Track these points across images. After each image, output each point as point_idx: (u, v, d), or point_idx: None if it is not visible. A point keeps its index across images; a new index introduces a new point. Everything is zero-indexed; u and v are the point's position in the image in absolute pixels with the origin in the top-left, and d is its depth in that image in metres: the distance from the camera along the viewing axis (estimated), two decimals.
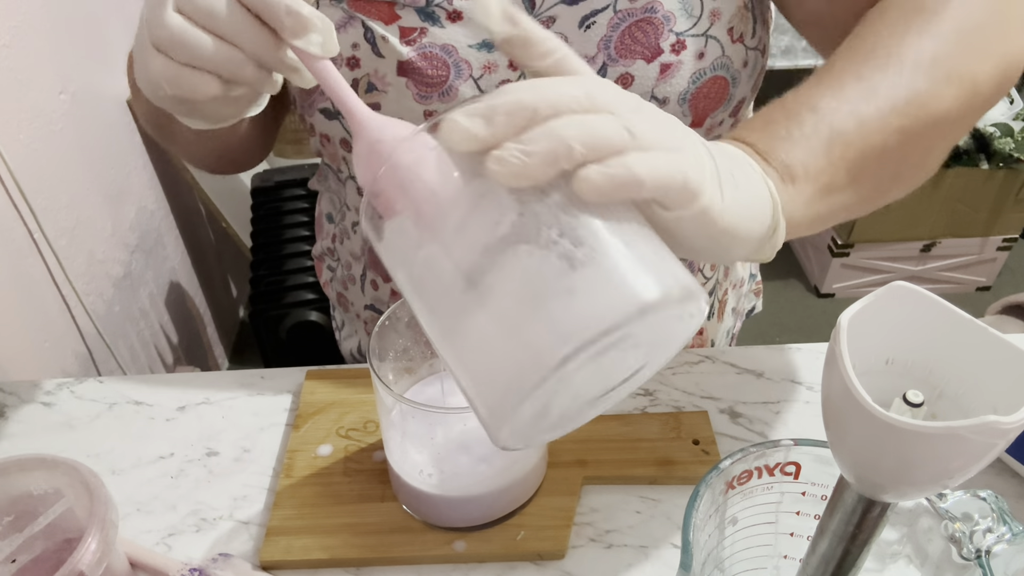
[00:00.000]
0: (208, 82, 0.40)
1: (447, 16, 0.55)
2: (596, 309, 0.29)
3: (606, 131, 0.31)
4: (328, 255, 0.79)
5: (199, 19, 0.39)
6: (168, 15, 0.39)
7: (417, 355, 0.55)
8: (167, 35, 0.39)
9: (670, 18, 0.54)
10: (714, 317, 0.75)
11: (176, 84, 0.40)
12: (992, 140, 1.82)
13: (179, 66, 0.39)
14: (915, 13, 0.46)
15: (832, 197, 0.43)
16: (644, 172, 0.30)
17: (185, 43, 0.39)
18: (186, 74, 0.40)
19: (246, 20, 0.39)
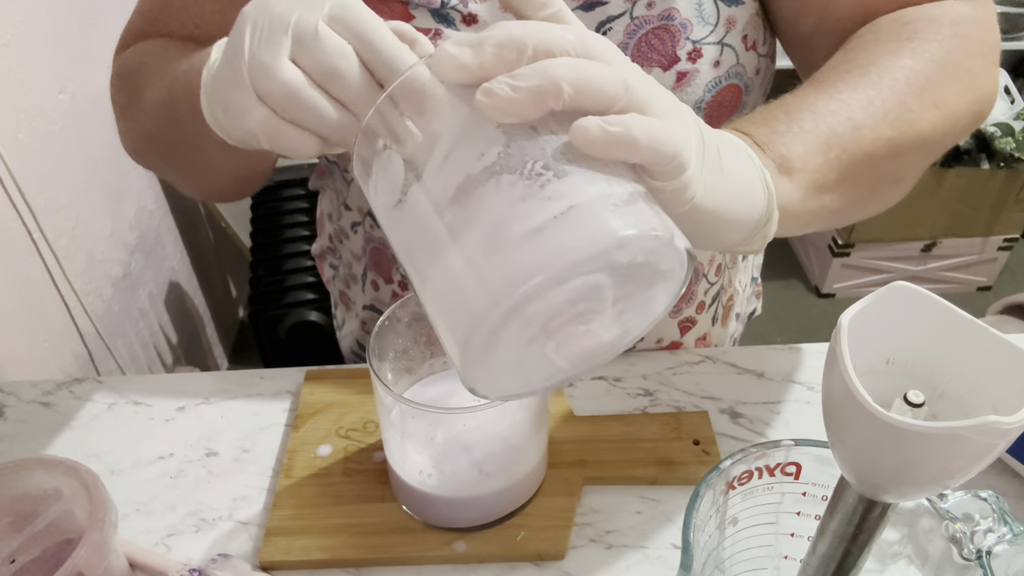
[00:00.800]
0: (311, 143, 0.37)
1: (462, 19, 0.54)
2: (568, 242, 0.28)
3: (600, 77, 0.30)
4: (330, 253, 0.79)
5: (319, 78, 0.35)
6: (284, 67, 0.34)
7: (417, 355, 0.54)
8: (280, 90, 0.35)
9: (687, 26, 0.54)
10: (718, 323, 0.75)
11: (276, 142, 0.36)
12: (993, 140, 1.82)
13: (285, 124, 0.36)
14: (907, 39, 0.48)
15: (823, 196, 0.43)
16: (641, 136, 0.30)
17: (301, 105, 0.35)
18: (290, 133, 0.36)
19: (369, 86, 0.35)
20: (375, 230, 0.67)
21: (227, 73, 0.36)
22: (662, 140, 0.31)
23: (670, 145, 0.31)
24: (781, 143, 0.41)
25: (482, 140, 0.31)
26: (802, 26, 0.56)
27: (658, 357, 0.66)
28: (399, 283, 0.68)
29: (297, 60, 0.35)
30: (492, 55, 0.30)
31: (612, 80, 0.31)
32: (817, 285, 2.14)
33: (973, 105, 0.50)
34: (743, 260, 0.77)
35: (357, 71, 0.35)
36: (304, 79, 0.35)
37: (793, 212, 0.41)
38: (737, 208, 0.36)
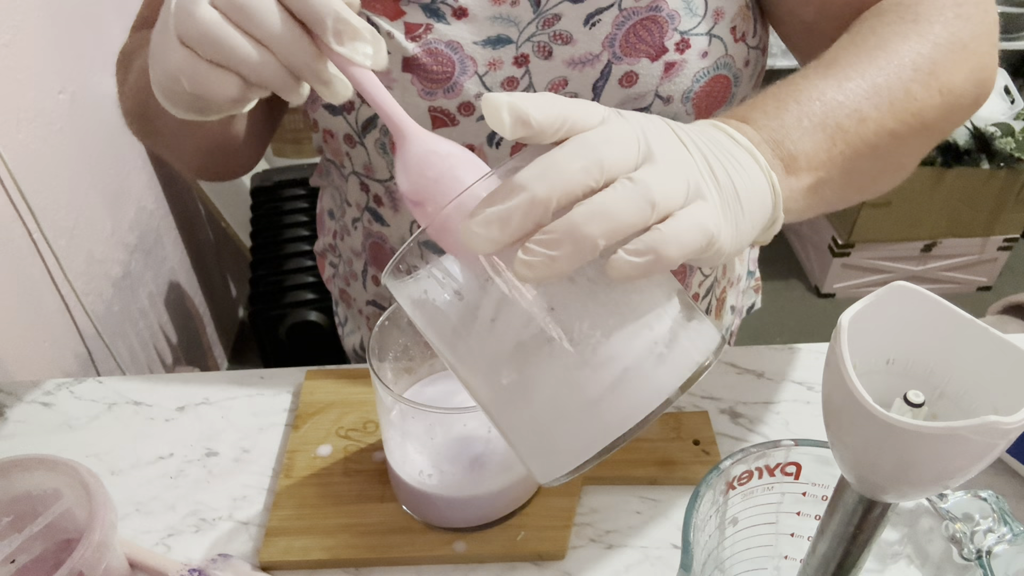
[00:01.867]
0: (231, 83, 0.38)
1: (452, 12, 0.54)
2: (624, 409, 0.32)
3: (627, 214, 0.31)
4: (330, 251, 0.79)
5: (235, 17, 0.36)
6: (202, 8, 0.36)
7: (417, 355, 0.54)
8: (198, 30, 0.36)
9: (675, 16, 0.54)
10: (712, 314, 0.75)
11: (197, 81, 0.38)
12: (993, 140, 1.82)
13: (204, 63, 0.37)
14: (912, 22, 0.48)
15: (824, 191, 0.43)
16: (674, 252, 0.31)
17: (217, 41, 0.36)
18: (210, 73, 0.37)
19: (287, 24, 0.36)
20: (373, 225, 0.67)
21: (157, 28, 0.39)
22: (694, 238, 0.32)
23: (702, 238, 0.32)
24: (790, 139, 0.41)
25: (525, 305, 0.32)
26: (804, 15, 0.56)
27: None
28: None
29: (217, 4, 0.36)
30: (520, 224, 0.31)
31: (637, 209, 0.31)
32: (817, 285, 2.14)
33: (976, 87, 0.50)
34: None
35: (273, 9, 0.36)
36: (220, 18, 0.36)
37: (792, 210, 0.42)
38: (753, 231, 0.37)
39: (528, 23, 0.55)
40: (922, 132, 0.47)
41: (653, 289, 0.33)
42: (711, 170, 0.35)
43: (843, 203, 0.47)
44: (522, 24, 0.55)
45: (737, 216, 0.35)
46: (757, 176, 0.38)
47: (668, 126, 0.35)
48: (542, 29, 0.55)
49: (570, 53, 0.55)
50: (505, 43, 0.55)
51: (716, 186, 0.35)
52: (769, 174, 0.39)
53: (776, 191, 0.39)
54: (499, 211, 0.31)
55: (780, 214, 0.39)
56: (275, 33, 0.36)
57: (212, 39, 0.36)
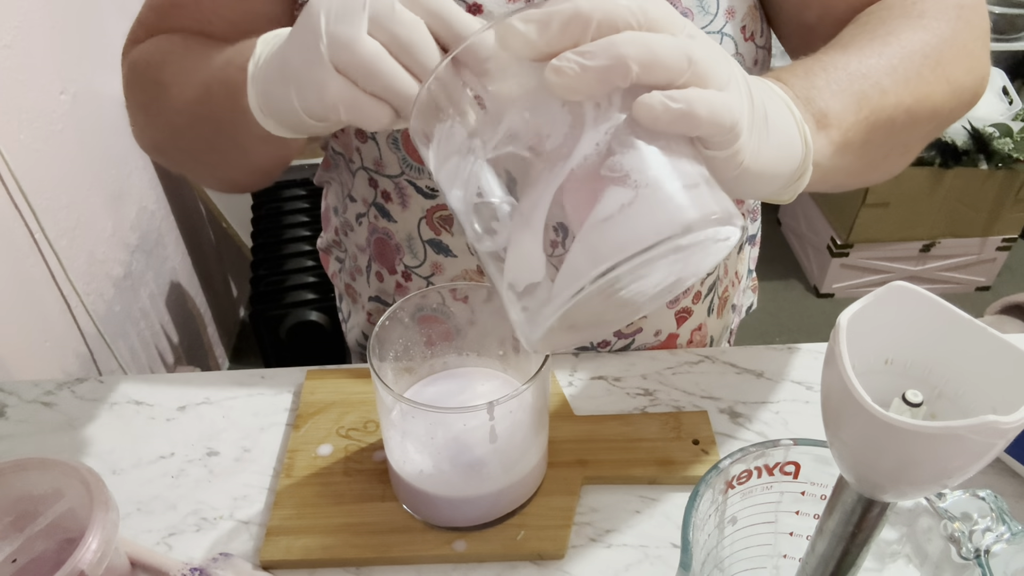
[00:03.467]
0: (386, 114, 0.38)
1: (467, 9, 0.54)
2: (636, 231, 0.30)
3: (665, 53, 0.31)
4: (335, 247, 0.80)
5: (397, 51, 0.36)
6: (364, 41, 0.36)
7: (417, 355, 0.55)
8: (361, 63, 0.36)
9: (687, 15, 0.55)
10: (714, 313, 0.75)
11: (355, 111, 0.37)
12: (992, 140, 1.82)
13: (363, 94, 0.37)
14: (918, 17, 0.50)
15: (844, 156, 0.44)
16: (703, 111, 0.31)
17: (380, 75, 0.36)
18: (368, 104, 0.37)
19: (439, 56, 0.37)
20: (379, 221, 0.67)
21: (300, 54, 0.38)
22: (722, 113, 0.32)
23: (728, 118, 0.32)
24: (821, 98, 0.42)
25: (548, 119, 0.31)
26: (807, 17, 0.57)
27: (657, 357, 0.66)
28: (402, 274, 0.68)
29: (374, 35, 0.36)
30: (559, 32, 0.31)
31: (676, 55, 0.31)
32: (816, 285, 2.14)
33: (973, 84, 0.51)
34: (739, 251, 0.77)
35: (432, 43, 0.37)
36: (383, 50, 0.36)
37: (824, 167, 0.42)
38: (779, 165, 0.37)
39: None
40: (931, 116, 0.48)
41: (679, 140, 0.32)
42: (749, 90, 0.35)
43: (856, 179, 0.48)
44: None
45: (761, 135, 0.35)
46: (787, 116, 0.39)
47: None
48: None
49: None
50: None
51: (750, 102, 0.35)
52: (802, 125, 0.39)
53: (808, 143, 0.39)
54: (541, 13, 0.31)
55: (808, 166, 0.40)
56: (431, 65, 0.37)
57: (375, 72, 0.36)
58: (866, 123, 0.44)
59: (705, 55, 0.32)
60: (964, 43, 0.50)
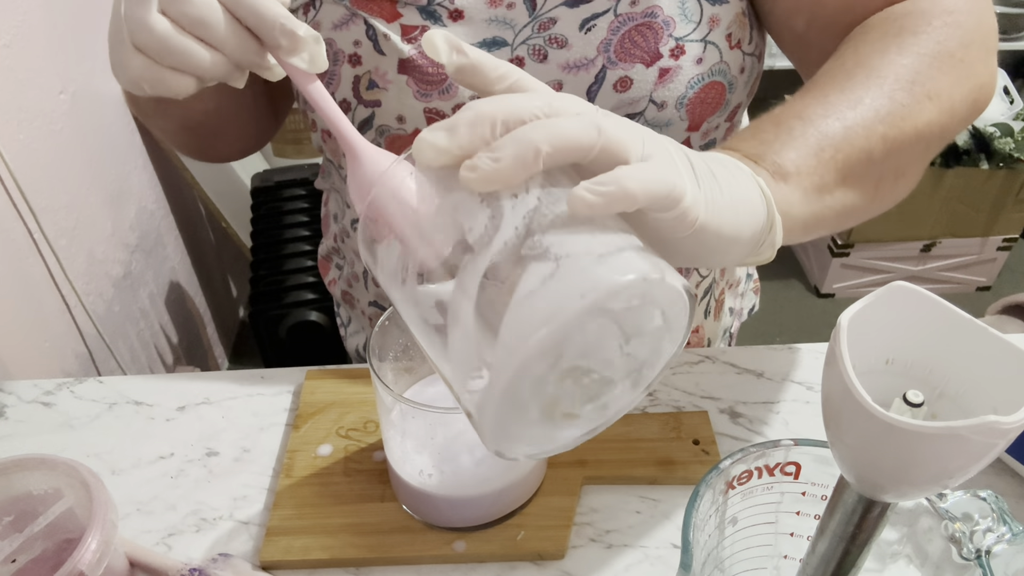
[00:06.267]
0: (188, 82, 0.40)
1: (448, 15, 0.55)
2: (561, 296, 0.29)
3: (572, 128, 0.31)
4: (335, 254, 0.80)
5: (187, 25, 0.39)
6: (153, 18, 0.38)
7: (417, 355, 0.55)
8: (152, 39, 0.38)
9: (670, 23, 0.55)
10: (711, 316, 0.75)
11: (157, 86, 0.40)
12: (992, 140, 1.82)
13: (161, 68, 0.40)
14: (895, 35, 0.49)
15: (824, 198, 0.44)
16: (635, 186, 0.31)
17: (172, 50, 0.39)
18: (168, 76, 0.40)
19: (235, 29, 0.39)
20: None
21: (112, 33, 0.41)
22: (654, 182, 0.31)
23: (663, 184, 0.32)
24: (772, 151, 0.42)
25: (470, 216, 0.32)
26: (795, 25, 0.56)
27: None
28: None
29: (166, 11, 0.38)
30: (467, 134, 0.31)
31: (584, 129, 0.31)
32: (817, 285, 2.14)
33: (970, 94, 0.50)
34: None
35: (221, 16, 0.39)
36: (173, 28, 0.38)
37: (797, 216, 0.42)
38: (740, 221, 0.37)
39: (524, 26, 0.55)
40: (917, 138, 0.47)
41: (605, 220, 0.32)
42: (685, 155, 0.35)
43: (853, 215, 0.47)
44: (518, 27, 0.55)
45: (712, 188, 0.35)
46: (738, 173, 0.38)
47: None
48: (538, 32, 0.55)
49: (565, 57, 0.55)
50: (500, 45, 0.55)
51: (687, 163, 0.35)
52: (755, 178, 0.39)
53: (766, 193, 0.39)
54: (447, 123, 0.32)
55: (776, 217, 0.39)
56: (225, 38, 0.39)
57: (167, 48, 0.39)
58: (833, 162, 0.43)
59: (614, 123, 0.32)
60: (950, 53, 0.48)
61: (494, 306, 0.31)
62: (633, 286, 0.30)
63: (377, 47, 0.55)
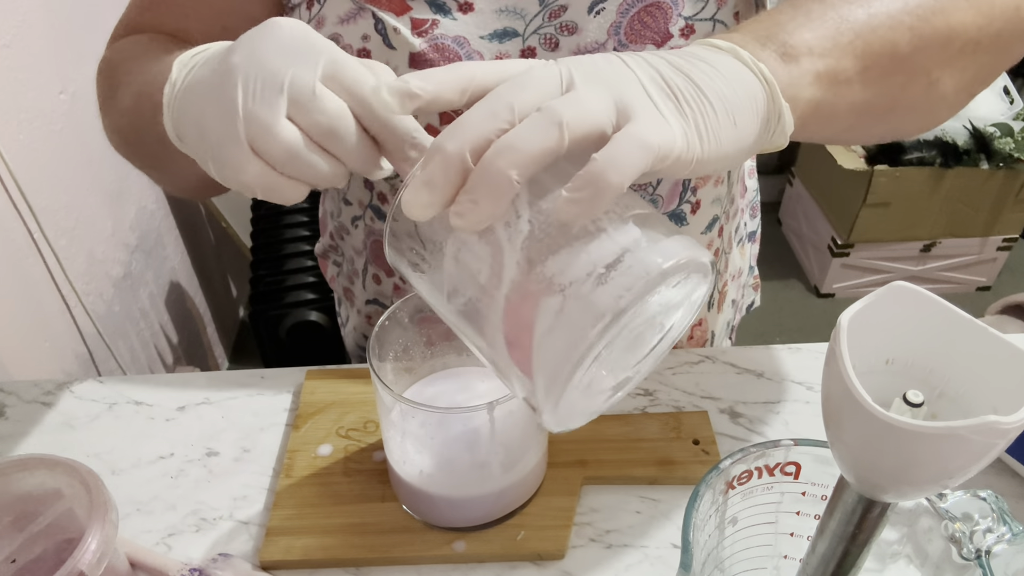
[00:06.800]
0: (304, 193, 0.38)
1: (458, 7, 0.54)
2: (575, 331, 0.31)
3: (531, 140, 0.31)
4: (332, 251, 0.80)
5: (316, 135, 0.36)
6: (283, 127, 0.35)
7: (417, 355, 0.55)
8: (282, 151, 0.36)
9: (678, 3, 0.54)
10: (714, 308, 0.75)
11: (269, 192, 0.37)
12: (992, 140, 1.82)
13: (279, 177, 0.37)
14: None
15: (840, 88, 0.41)
16: (615, 177, 0.30)
17: (299, 163, 0.36)
18: (285, 186, 0.37)
19: (363, 141, 0.37)
20: (375, 223, 0.67)
21: (217, 127, 0.37)
22: (635, 156, 0.31)
23: (646, 152, 0.31)
24: (784, 32, 0.39)
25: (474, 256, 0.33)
26: None
27: None
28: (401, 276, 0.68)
29: (294, 118, 0.36)
30: (443, 182, 0.31)
31: (547, 133, 0.31)
32: (817, 285, 2.14)
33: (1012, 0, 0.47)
34: (739, 245, 0.77)
35: (354, 130, 0.36)
36: (302, 138, 0.36)
37: (807, 100, 0.40)
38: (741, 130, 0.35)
39: (535, 15, 0.55)
40: (948, 36, 0.44)
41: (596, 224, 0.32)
42: (663, 81, 0.34)
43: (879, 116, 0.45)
44: (528, 16, 0.55)
45: (705, 117, 0.34)
46: (736, 72, 0.36)
47: (615, 55, 0.35)
48: (548, 21, 0.55)
49: (576, 43, 0.55)
50: (512, 36, 0.55)
51: (664, 93, 0.34)
52: (755, 65, 0.37)
53: (767, 79, 0.37)
54: (422, 176, 0.32)
55: (782, 103, 0.38)
56: (352, 150, 0.37)
57: (295, 161, 0.36)
58: (852, 47, 0.41)
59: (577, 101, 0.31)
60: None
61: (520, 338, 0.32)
62: (638, 301, 0.31)
63: (387, 41, 0.55)
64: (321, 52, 0.37)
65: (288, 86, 0.35)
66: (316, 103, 0.36)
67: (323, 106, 0.36)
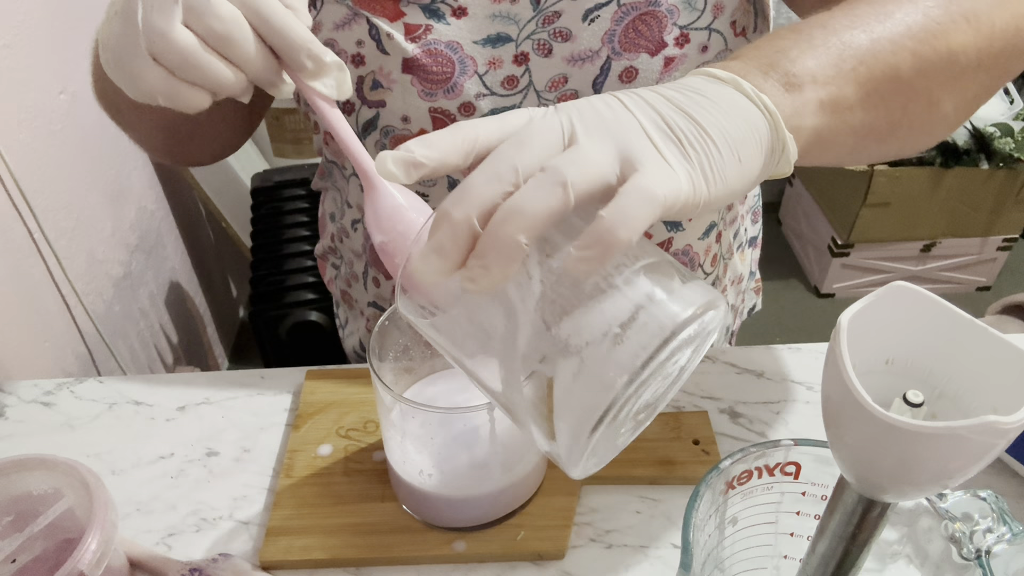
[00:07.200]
0: (204, 98, 0.40)
1: (452, 12, 0.54)
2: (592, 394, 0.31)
3: (536, 203, 0.31)
4: (331, 253, 0.79)
5: (212, 41, 0.38)
6: (178, 31, 0.37)
7: (417, 355, 0.55)
8: (174, 53, 0.37)
9: (674, 11, 0.54)
10: None
11: (172, 98, 0.39)
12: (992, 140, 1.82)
13: (178, 82, 0.39)
14: None
15: (842, 115, 0.41)
16: (623, 233, 0.30)
17: (194, 65, 0.38)
18: (185, 91, 0.39)
19: (259, 49, 0.39)
20: None
21: (123, 38, 0.39)
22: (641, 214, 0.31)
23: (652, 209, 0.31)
24: (787, 60, 0.39)
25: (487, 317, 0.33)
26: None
27: None
28: None
29: (190, 24, 0.37)
30: (453, 248, 0.32)
31: (551, 195, 0.31)
32: (817, 285, 2.14)
33: (1013, 20, 0.47)
34: (739, 251, 0.77)
35: (250, 36, 0.38)
36: (197, 43, 0.38)
37: (810, 128, 0.40)
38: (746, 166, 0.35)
39: (528, 21, 0.55)
40: (949, 59, 0.44)
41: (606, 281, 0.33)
42: (664, 123, 0.34)
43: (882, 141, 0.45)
44: (522, 22, 0.55)
45: (710, 158, 0.34)
46: (738, 105, 0.36)
47: (614, 97, 0.35)
48: (542, 27, 0.55)
49: (570, 50, 0.55)
50: (505, 41, 0.55)
51: (667, 137, 0.33)
52: (758, 97, 0.37)
53: (770, 111, 0.37)
54: (432, 244, 0.32)
55: (785, 134, 0.37)
56: (249, 57, 0.38)
57: (190, 63, 0.38)
58: (855, 74, 0.41)
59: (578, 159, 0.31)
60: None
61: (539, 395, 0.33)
62: (660, 350, 0.31)
63: (380, 47, 0.55)
64: None
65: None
66: (210, 7, 0.37)
67: (217, 10, 0.37)
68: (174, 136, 0.61)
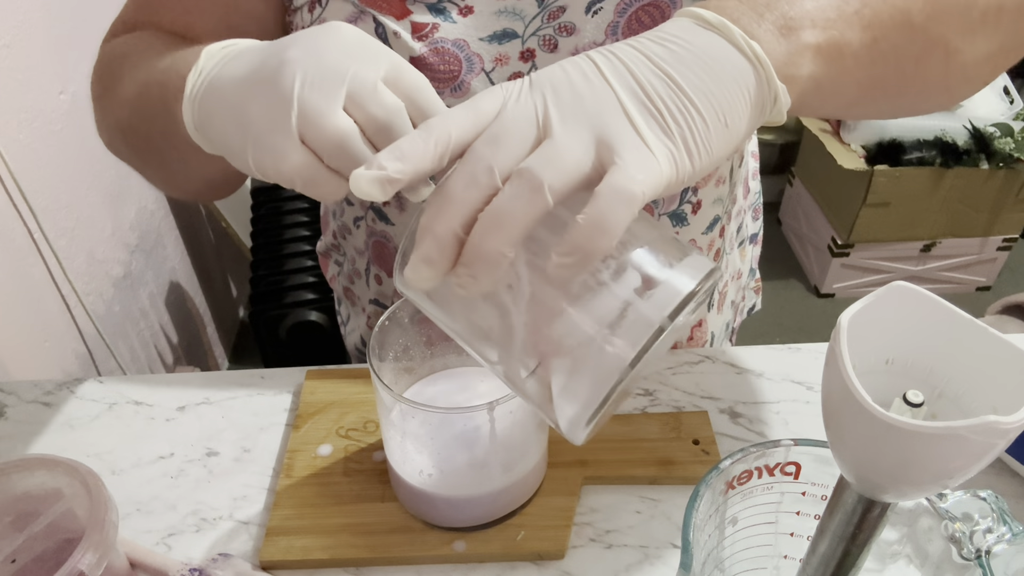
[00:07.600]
0: (343, 190, 0.37)
1: (458, 11, 0.54)
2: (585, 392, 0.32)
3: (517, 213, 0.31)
4: (334, 250, 0.80)
5: (371, 131, 0.36)
6: (339, 117, 0.35)
7: (417, 355, 0.55)
8: (330, 139, 0.35)
9: (676, 1, 0.54)
10: (714, 309, 0.75)
11: (311, 185, 0.36)
12: (992, 140, 1.82)
13: (323, 169, 0.36)
14: None
15: (845, 60, 0.38)
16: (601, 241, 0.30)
17: (349, 154, 0.35)
18: (328, 179, 0.36)
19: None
20: (377, 224, 0.67)
21: (264, 114, 0.36)
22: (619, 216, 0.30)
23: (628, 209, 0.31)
24: (785, 3, 0.36)
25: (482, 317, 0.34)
26: None
27: None
28: None
29: (351, 112, 0.35)
30: (439, 257, 0.32)
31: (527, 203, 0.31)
32: (817, 285, 2.14)
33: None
34: (740, 247, 0.77)
35: (409, 128, 0.36)
36: (357, 130, 0.35)
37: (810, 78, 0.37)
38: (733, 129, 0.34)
39: (533, 17, 0.55)
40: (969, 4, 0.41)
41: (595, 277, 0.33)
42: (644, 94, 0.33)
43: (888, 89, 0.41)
44: (527, 18, 0.55)
45: (692, 128, 0.33)
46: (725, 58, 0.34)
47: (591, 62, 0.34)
48: (547, 22, 0.55)
49: (575, 44, 0.55)
50: (511, 38, 0.55)
51: (647, 112, 0.32)
52: (748, 46, 0.35)
53: (761, 61, 0.35)
54: (419, 255, 0.32)
55: (777, 86, 0.35)
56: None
57: (346, 152, 0.35)
58: (860, 18, 0.38)
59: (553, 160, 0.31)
60: None
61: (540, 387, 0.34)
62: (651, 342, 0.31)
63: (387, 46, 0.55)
64: (384, 55, 0.37)
65: (350, 79, 0.35)
66: (377, 97, 0.35)
67: (383, 99, 0.35)
68: (216, 185, 0.57)
